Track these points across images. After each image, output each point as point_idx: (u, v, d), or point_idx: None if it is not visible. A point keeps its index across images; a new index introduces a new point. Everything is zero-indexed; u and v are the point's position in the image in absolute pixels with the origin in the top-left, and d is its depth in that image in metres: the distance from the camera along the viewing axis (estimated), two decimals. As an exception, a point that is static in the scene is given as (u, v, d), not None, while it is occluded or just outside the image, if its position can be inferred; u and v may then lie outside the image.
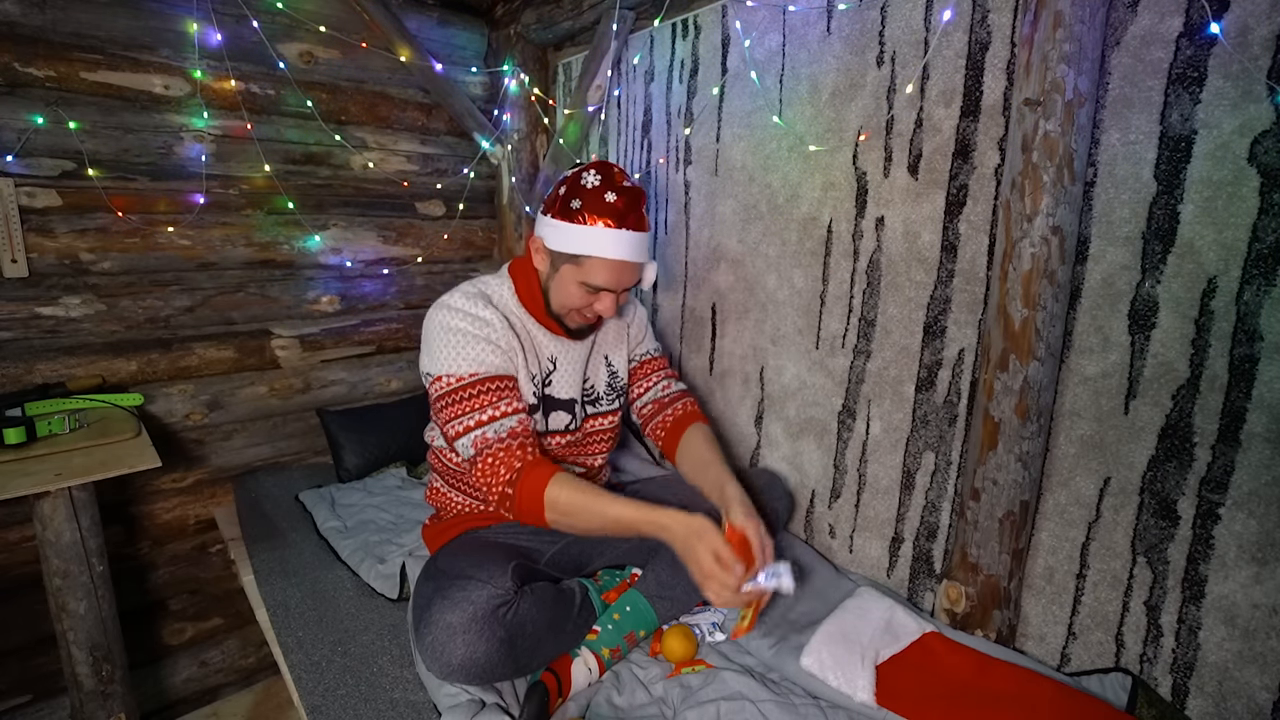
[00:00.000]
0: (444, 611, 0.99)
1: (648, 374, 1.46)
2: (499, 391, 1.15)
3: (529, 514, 1.10)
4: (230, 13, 1.61)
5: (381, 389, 2.10)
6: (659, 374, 1.47)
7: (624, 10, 1.67)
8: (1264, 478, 0.90)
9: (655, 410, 1.44)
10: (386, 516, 1.60)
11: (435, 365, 1.16)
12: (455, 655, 0.97)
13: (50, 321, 1.51)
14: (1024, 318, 1.04)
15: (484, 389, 1.14)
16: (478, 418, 1.13)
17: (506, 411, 1.14)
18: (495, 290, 1.25)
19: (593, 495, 1.09)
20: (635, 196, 1.15)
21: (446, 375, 1.14)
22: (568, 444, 1.33)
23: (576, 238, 1.14)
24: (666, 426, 1.41)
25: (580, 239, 1.13)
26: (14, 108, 1.40)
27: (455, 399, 1.13)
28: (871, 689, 1.03)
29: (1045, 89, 0.98)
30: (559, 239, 1.16)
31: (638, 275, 1.20)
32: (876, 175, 1.29)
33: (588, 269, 1.15)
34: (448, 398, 1.14)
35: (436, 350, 1.16)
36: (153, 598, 1.75)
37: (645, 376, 1.46)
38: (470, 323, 1.16)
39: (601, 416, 1.39)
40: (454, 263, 2.21)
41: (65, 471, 1.18)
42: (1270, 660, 0.91)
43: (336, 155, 1.88)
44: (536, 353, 1.27)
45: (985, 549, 1.14)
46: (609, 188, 1.14)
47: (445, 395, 1.14)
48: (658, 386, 1.46)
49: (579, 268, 1.16)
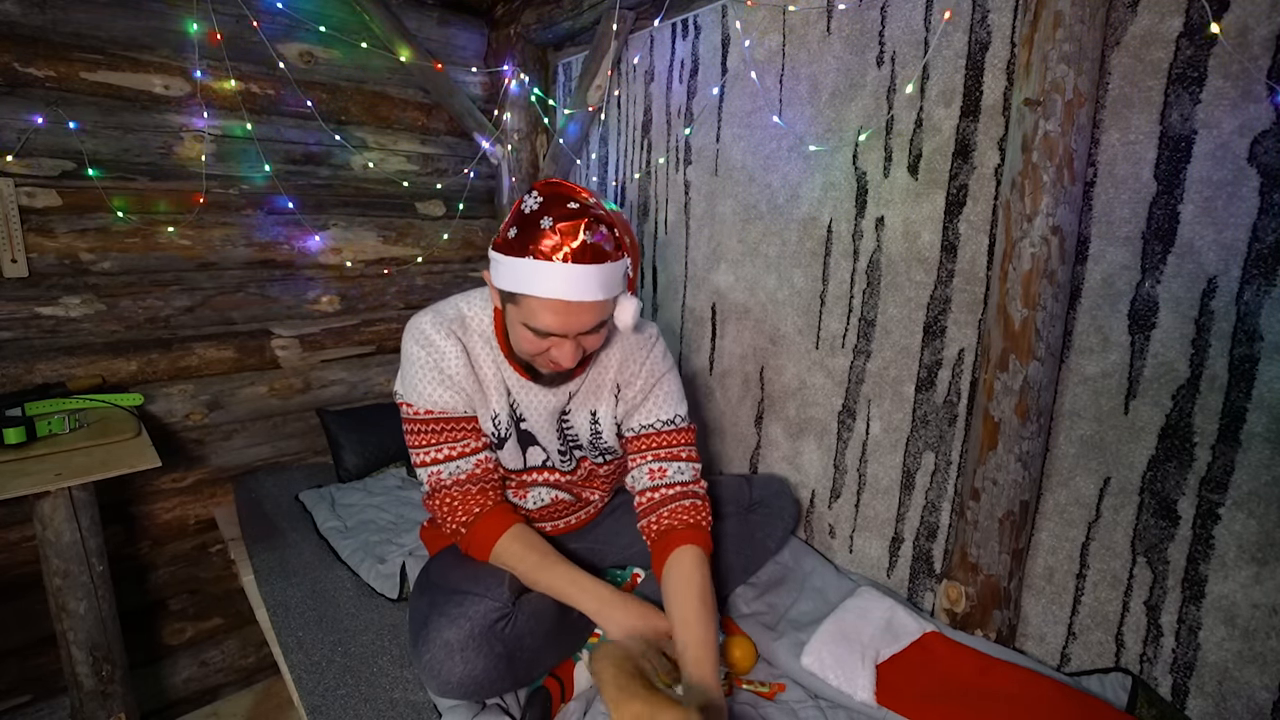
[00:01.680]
0: (441, 629, 0.97)
1: (642, 450, 1.18)
2: (454, 431, 1.10)
3: (477, 552, 1.11)
4: (230, 13, 1.61)
5: (381, 389, 2.10)
6: (659, 452, 1.17)
7: (624, 10, 1.67)
8: (1264, 478, 0.90)
9: (645, 504, 1.16)
10: (386, 516, 1.60)
11: (402, 389, 1.13)
12: (454, 674, 0.96)
13: (50, 321, 1.51)
14: (1024, 318, 1.04)
15: (438, 427, 1.10)
16: (433, 454, 1.10)
17: (464, 452, 1.11)
18: (476, 314, 1.12)
19: (538, 559, 1.08)
20: (589, 223, 0.92)
21: (408, 404, 1.11)
22: (555, 481, 1.23)
23: (512, 272, 0.94)
24: (651, 537, 1.14)
25: (516, 273, 0.93)
26: (14, 108, 1.40)
27: (414, 429, 1.11)
28: (871, 688, 1.03)
29: (1045, 89, 0.98)
30: (500, 275, 0.97)
31: (599, 317, 0.98)
32: (876, 175, 1.29)
33: (527, 310, 0.96)
34: (408, 424, 1.11)
35: (404, 374, 1.12)
36: (153, 598, 1.75)
37: (640, 452, 1.18)
38: (428, 352, 1.07)
39: (593, 464, 1.25)
40: (454, 263, 2.21)
41: (65, 471, 1.18)
42: (1270, 660, 0.91)
43: (336, 155, 1.88)
44: (507, 389, 1.13)
45: (985, 549, 1.14)
46: (550, 212, 0.92)
47: (407, 422, 1.12)
48: (645, 471, 1.16)
49: (519, 308, 0.97)
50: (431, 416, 1.09)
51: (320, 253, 1.89)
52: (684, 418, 1.20)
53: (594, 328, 0.99)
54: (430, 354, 1.07)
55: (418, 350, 1.08)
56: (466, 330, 1.11)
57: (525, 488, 1.23)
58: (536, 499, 1.23)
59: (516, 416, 1.16)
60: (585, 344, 1.02)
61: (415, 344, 1.09)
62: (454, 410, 1.10)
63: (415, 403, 1.09)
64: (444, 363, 1.08)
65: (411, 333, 1.10)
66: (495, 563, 1.09)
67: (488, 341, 1.12)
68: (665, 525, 1.12)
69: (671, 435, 1.18)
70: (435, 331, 1.08)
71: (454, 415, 1.10)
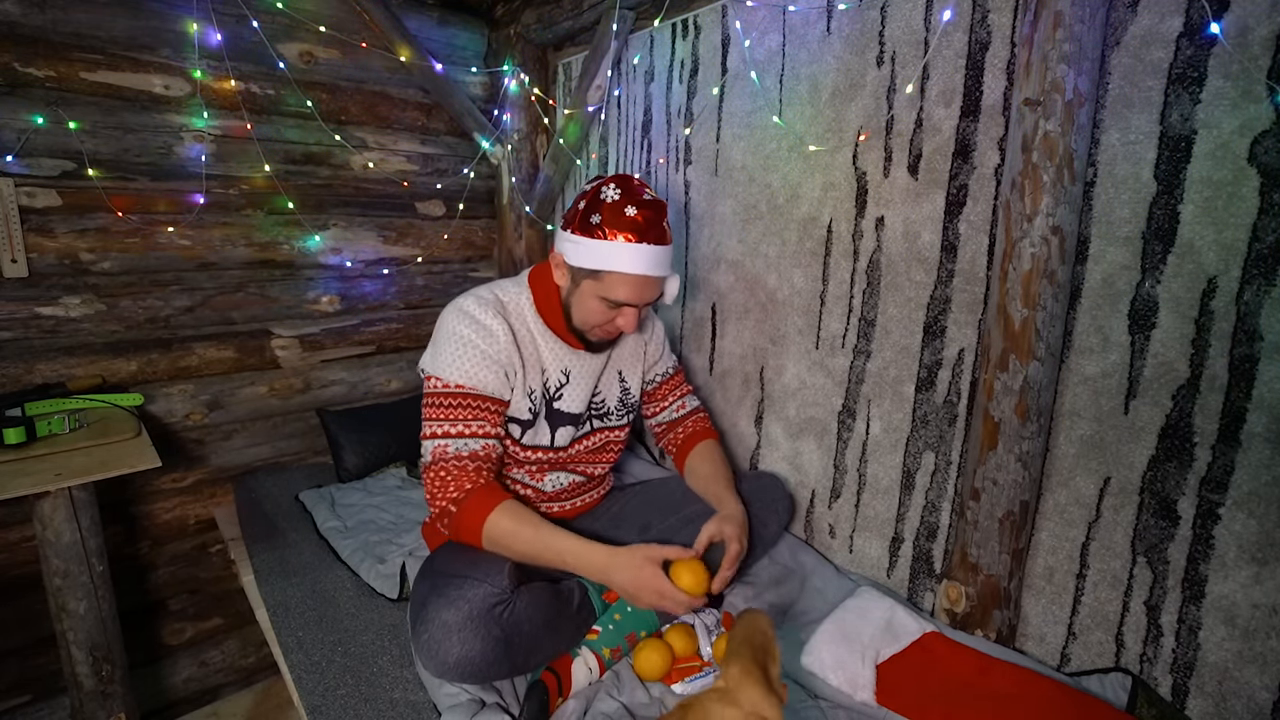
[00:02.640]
0: (440, 609, 0.99)
1: (665, 394, 1.50)
2: (478, 410, 1.16)
3: (465, 534, 1.12)
4: (230, 13, 1.61)
5: (381, 389, 2.10)
6: (675, 393, 1.51)
7: (624, 10, 1.67)
8: (1264, 478, 0.90)
9: (668, 428, 1.51)
10: (386, 516, 1.60)
11: (432, 365, 1.19)
12: (451, 653, 0.97)
13: (50, 321, 1.51)
14: (1024, 318, 1.04)
15: (465, 403, 1.15)
16: (447, 428, 1.14)
17: (476, 432, 1.15)
18: (512, 298, 1.25)
19: (533, 526, 1.10)
20: (657, 210, 1.14)
21: (437, 378, 1.17)
22: (571, 455, 1.34)
23: (597, 253, 1.12)
24: (678, 444, 1.48)
25: (601, 254, 1.12)
26: (14, 108, 1.40)
27: (436, 402, 1.16)
28: (872, 688, 1.04)
29: (1045, 89, 0.98)
30: (579, 255, 1.14)
31: (659, 290, 1.20)
32: (876, 175, 1.29)
33: (608, 284, 1.14)
34: (431, 399, 1.17)
35: (439, 351, 1.18)
36: (153, 598, 1.75)
37: (663, 397, 1.50)
38: (476, 331, 1.16)
39: (609, 430, 1.40)
40: (454, 263, 2.21)
41: (65, 471, 1.18)
42: (1270, 660, 0.91)
43: (336, 155, 1.89)
44: (542, 367, 1.26)
45: (985, 549, 1.14)
46: (629, 201, 1.12)
47: (430, 396, 1.17)
48: (673, 406, 1.50)
49: (599, 283, 1.15)
50: (462, 390, 1.15)
51: (320, 253, 1.90)
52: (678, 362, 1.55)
53: (655, 300, 1.20)
54: (478, 333, 1.16)
55: (463, 329, 1.16)
56: (505, 311, 1.21)
57: (544, 470, 1.31)
58: (554, 482, 1.34)
59: (550, 396, 1.27)
60: (643, 314, 1.23)
61: (461, 323, 1.17)
62: (484, 389, 1.17)
63: (446, 376, 1.16)
64: (491, 342, 1.17)
65: (455, 312, 1.18)
66: (489, 542, 1.11)
67: (524, 322, 1.25)
68: (690, 431, 1.47)
69: (679, 377, 1.52)
70: (482, 312, 1.18)
71: (482, 394, 1.17)
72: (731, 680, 0.72)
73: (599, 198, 1.14)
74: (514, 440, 1.26)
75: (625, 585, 1.06)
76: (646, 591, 1.05)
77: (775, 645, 0.79)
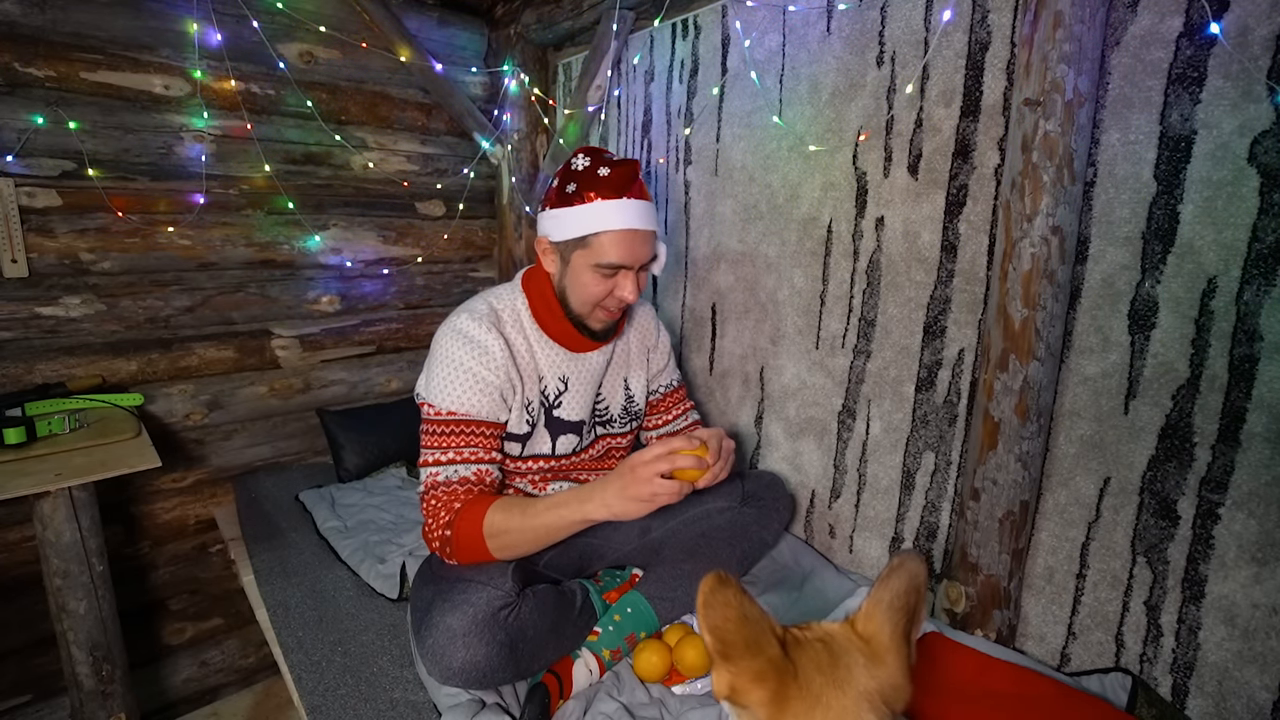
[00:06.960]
0: (444, 614, 0.98)
1: (669, 408, 1.45)
2: (471, 435, 1.12)
3: (469, 550, 1.06)
4: (230, 13, 1.61)
5: (381, 389, 2.10)
6: (679, 407, 1.47)
7: (624, 10, 1.67)
8: (1264, 478, 0.90)
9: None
10: (386, 516, 1.60)
11: (425, 390, 1.16)
12: (456, 659, 0.96)
13: (50, 321, 1.51)
14: (1024, 318, 1.04)
15: (457, 429, 1.12)
16: (437, 456, 1.11)
17: (469, 458, 1.11)
18: (508, 305, 1.21)
19: (521, 509, 1.05)
20: (630, 167, 1.12)
21: (430, 404, 1.14)
22: (573, 464, 1.30)
23: (580, 219, 1.09)
24: None
25: (584, 219, 1.09)
26: (14, 108, 1.40)
27: (430, 429, 1.13)
28: (871, 689, 1.03)
29: (1045, 89, 0.98)
30: (561, 227, 1.12)
31: (651, 249, 1.15)
32: (876, 175, 1.29)
33: (597, 249, 1.10)
34: (425, 425, 1.14)
35: (431, 376, 1.14)
36: (153, 598, 1.75)
37: (667, 410, 1.45)
38: (470, 353, 1.12)
39: (613, 437, 1.37)
40: (454, 263, 2.21)
41: (65, 471, 1.18)
42: (1270, 660, 0.91)
43: (336, 155, 1.88)
44: (540, 375, 1.22)
45: (985, 549, 1.14)
46: (600, 164, 1.11)
47: (424, 422, 1.14)
48: (675, 421, 1.46)
49: (589, 250, 1.11)
50: (454, 417, 1.12)
51: (320, 253, 1.90)
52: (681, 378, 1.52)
53: (649, 261, 1.16)
54: (473, 354, 1.12)
55: (458, 351, 1.12)
56: (501, 323, 1.18)
57: (545, 480, 1.28)
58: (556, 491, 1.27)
59: (549, 404, 1.23)
60: (641, 280, 1.17)
61: (455, 345, 1.13)
62: (475, 414, 1.13)
63: (437, 403, 1.12)
64: (487, 361, 1.12)
65: (449, 333, 1.14)
66: (494, 545, 1.06)
67: (521, 330, 1.21)
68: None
69: (681, 391, 1.48)
70: (476, 328, 1.13)
71: (473, 419, 1.13)
72: (880, 648, 0.64)
73: (570, 169, 1.13)
74: (513, 457, 1.23)
75: (616, 496, 0.99)
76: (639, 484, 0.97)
77: (924, 606, 0.70)
